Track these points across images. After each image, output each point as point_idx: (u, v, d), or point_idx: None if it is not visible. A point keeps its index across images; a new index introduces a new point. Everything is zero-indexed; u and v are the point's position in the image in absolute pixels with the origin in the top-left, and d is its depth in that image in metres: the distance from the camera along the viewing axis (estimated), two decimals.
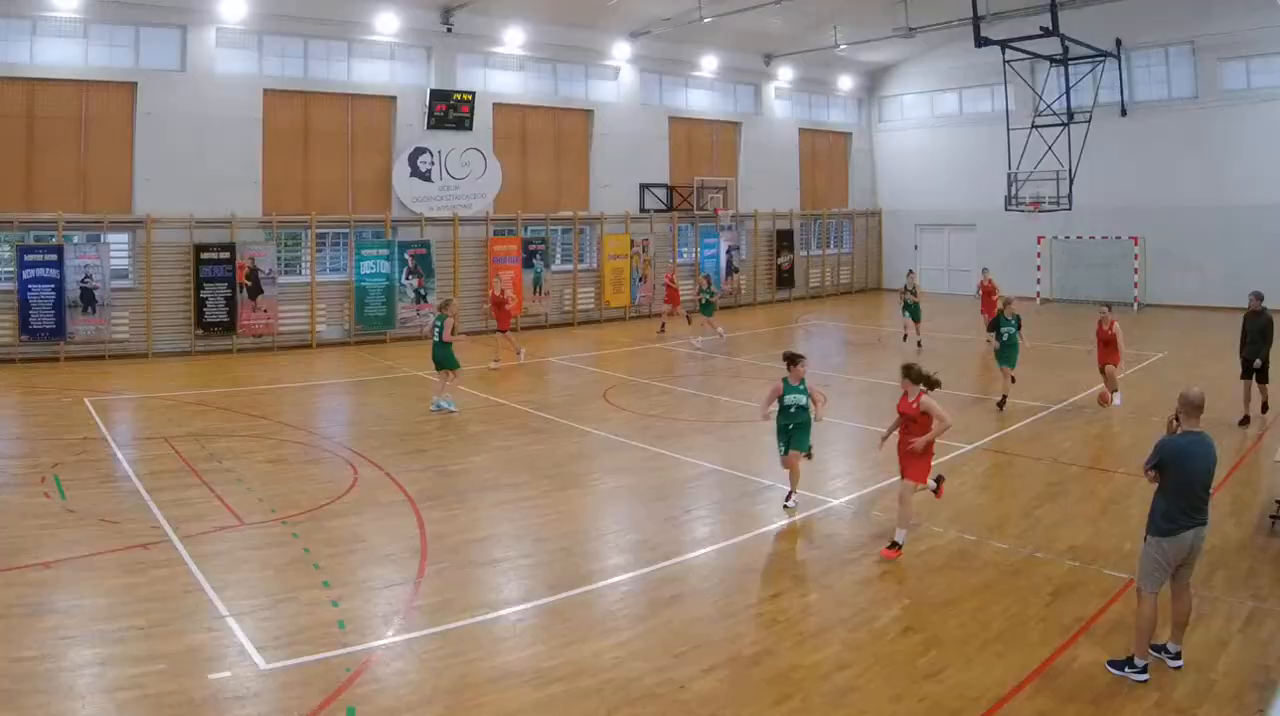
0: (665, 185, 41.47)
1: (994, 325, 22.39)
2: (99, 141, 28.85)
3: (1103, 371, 21.50)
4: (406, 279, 33.57)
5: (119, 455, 17.62)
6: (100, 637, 9.94)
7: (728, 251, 43.22)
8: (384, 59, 34.14)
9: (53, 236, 28.15)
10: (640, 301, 39.86)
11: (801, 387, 14.18)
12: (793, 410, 14.16)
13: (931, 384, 12.97)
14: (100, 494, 15.12)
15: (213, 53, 30.42)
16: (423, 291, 33.77)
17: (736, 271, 43.67)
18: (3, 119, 27.45)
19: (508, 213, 36.60)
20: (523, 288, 36.27)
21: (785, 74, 45.88)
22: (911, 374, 12.97)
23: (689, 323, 34.36)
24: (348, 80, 33.33)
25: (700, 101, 43.47)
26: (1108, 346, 21.31)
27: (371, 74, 33.88)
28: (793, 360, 14.24)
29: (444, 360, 21.96)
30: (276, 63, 31.97)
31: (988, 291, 31.19)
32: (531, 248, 36.82)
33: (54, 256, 27.78)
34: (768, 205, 45.01)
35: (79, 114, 28.48)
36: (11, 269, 27.73)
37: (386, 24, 33.10)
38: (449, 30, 34.40)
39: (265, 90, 31.40)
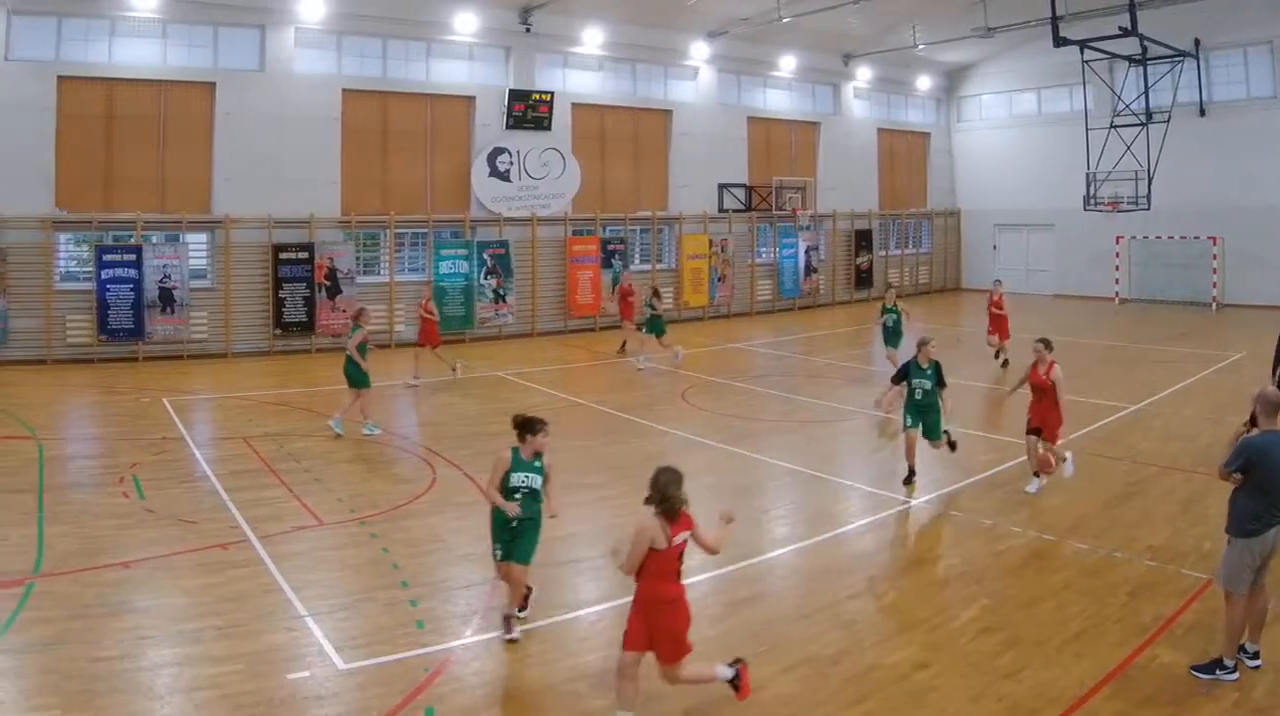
0: (744, 185, 39.59)
1: (900, 375, 15.55)
2: (178, 141, 27.67)
3: (1032, 433, 14.81)
4: (485, 279, 32.12)
5: (197, 455, 17.01)
6: (179, 637, 9.69)
7: (806, 251, 41.21)
8: (463, 59, 32.70)
9: (131, 236, 27.03)
10: (719, 301, 38.14)
11: (536, 466, 9.98)
12: (519, 495, 9.88)
13: (669, 502, 8.38)
14: (179, 494, 14.61)
15: (291, 53, 29.19)
16: (502, 291, 32.34)
17: (815, 271, 41.63)
18: (82, 119, 26.35)
19: (586, 212, 35.03)
20: (601, 287, 34.79)
21: (864, 74, 43.76)
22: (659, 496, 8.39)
23: (639, 342, 28.37)
24: (426, 80, 31.95)
25: (779, 101, 41.51)
26: (1042, 399, 14.75)
27: (450, 74, 32.47)
28: (528, 428, 9.95)
29: (353, 376, 18.83)
30: (355, 62, 30.68)
31: (996, 305, 26.46)
32: (610, 248, 35.27)
33: (133, 256, 26.65)
34: (846, 205, 42.92)
35: (158, 114, 27.32)
36: (90, 269, 26.58)
37: (465, 24, 31.71)
38: (528, 30, 32.94)
39: (344, 90, 30.12)
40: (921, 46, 40.52)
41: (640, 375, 25.90)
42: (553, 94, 33.71)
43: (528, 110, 33.19)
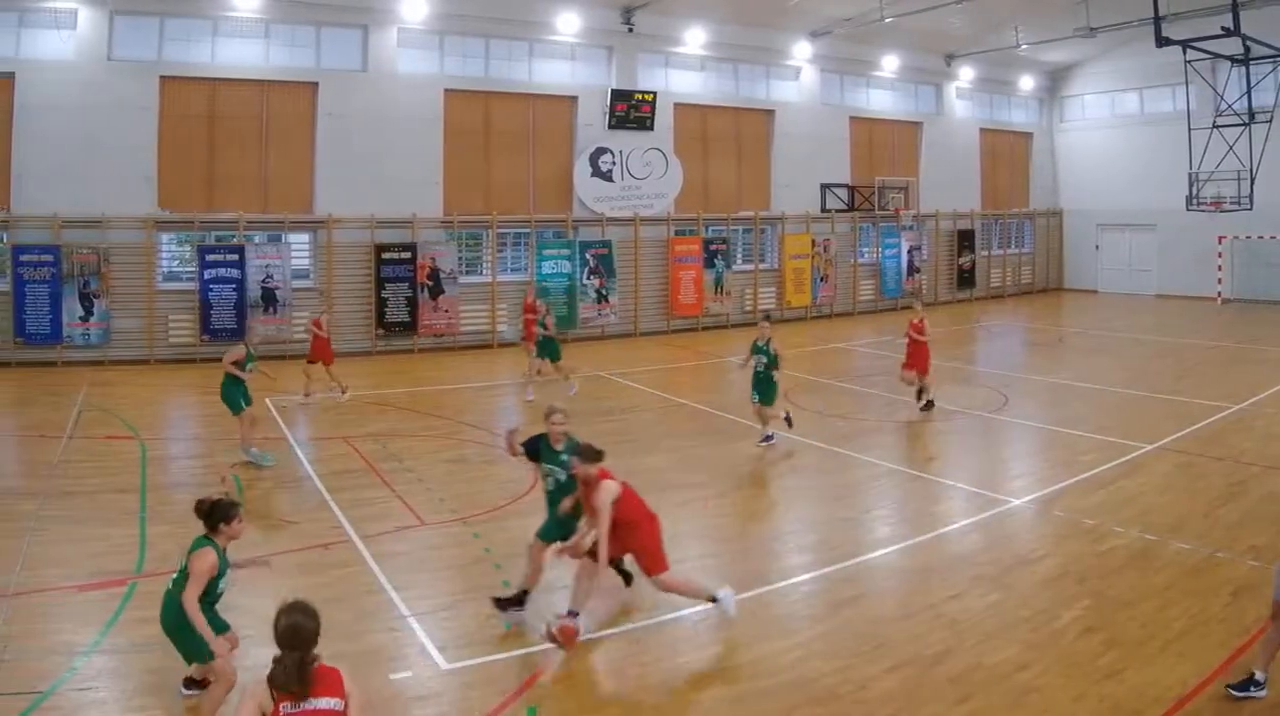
0: (846, 185, 36.54)
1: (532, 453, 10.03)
2: (280, 141, 25.80)
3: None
4: (588, 279, 29.78)
5: (299, 455, 15.92)
6: None
7: (909, 251, 38.07)
8: (565, 59, 30.33)
9: (234, 236, 25.14)
10: (821, 301, 35.28)
11: (227, 561, 7.63)
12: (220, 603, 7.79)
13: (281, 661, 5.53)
14: (280, 494, 13.88)
15: (394, 53, 27.11)
16: (604, 291, 29.94)
17: (918, 271, 38.46)
18: (185, 119, 24.57)
19: (689, 212, 32.40)
20: (703, 287, 32.30)
21: (966, 74, 40.35)
22: None
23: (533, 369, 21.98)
24: (529, 80, 29.60)
25: (881, 101, 38.35)
26: (633, 532, 9.33)
27: (552, 74, 30.10)
28: (221, 516, 7.51)
29: (229, 398, 15.32)
30: (458, 63, 28.45)
31: (917, 330, 19.15)
32: (713, 247, 32.53)
33: (235, 256, 24.76)
34: (949, 205, 39.62)
35: (260, 114, 25.46)
36: (193, 269, 24.80)
37: (568, 24, 29.34)
38: (630, 30, 30.40)
39: (446, 90, 27.91)
40: (1024, 46, 37.21)
41: (744, 375, 23.36)
42: (655, 94, 31.15)
43: (630, 110, 30.74)
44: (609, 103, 30.44)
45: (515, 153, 29.59)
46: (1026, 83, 42.91)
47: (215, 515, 7.44)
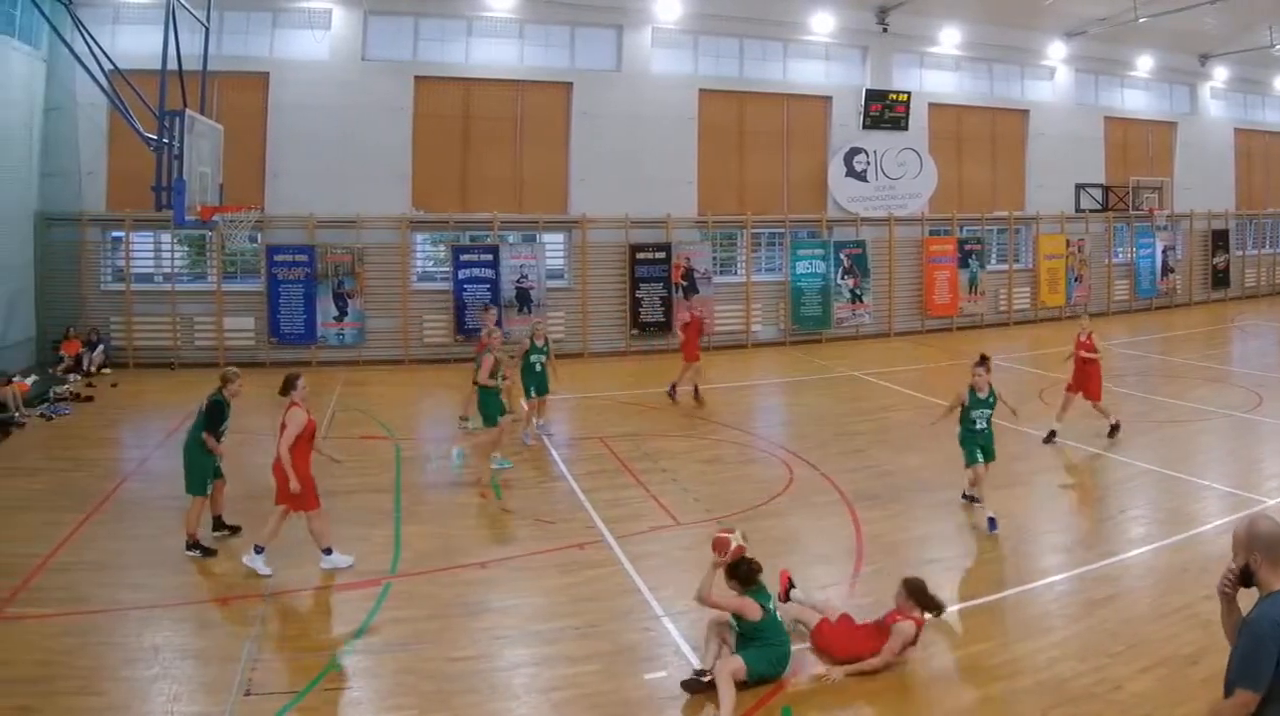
0: (1100, 185, 27.16)
1: None
2: (534, 141, 19.52)
3: None
4: (842, 279, 22.40)
5: (554, 455, 12.38)
6: (535, 637, 6.95)
7: (1163, 251, 28.37)
8: (819, 59, 22.68)
9: (488, 236, 18.99)
10: (1076, 301, 26.43)
11: None
12: None
13: None
14: (536, 494, 10.70)
15: (648, 53, 20.38)
16: (858, 291, 22.38)
17: (1172, 271, 28.87)
18: (440, 119, 18.66)
19: (943, 212, 24.18)
20: (958, 287, 24.41)
21: (1220, 74, 29.82)
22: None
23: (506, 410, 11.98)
24: (783, 80, 22.13)
25: (1135, 101, 28.50)
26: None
27: (806, 73, 22.48)
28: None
29: (490, 405, 10.78)
30: (711, 63, 21.38)
31: (1086, 347, 13.10)
32: (967, 247, 24.27)
33: (489, 256, 18.66)
34: (1203, 205, 29.26)
35: (514, 114, 19.28)
36: (447, 269, 18.91)
37: (822, 24, 21.88)
38: (884, 30, 22.58)
39: (700, 90, 20.96)
40: (1278, 46, 27.83)
41: (999, 375, 17.71)
42: (909, 94, 23.18)
43: (885, 110, 22.91)
44: (863, 102, 22.70)
45: (769, 152, 22.21)
46: None
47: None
